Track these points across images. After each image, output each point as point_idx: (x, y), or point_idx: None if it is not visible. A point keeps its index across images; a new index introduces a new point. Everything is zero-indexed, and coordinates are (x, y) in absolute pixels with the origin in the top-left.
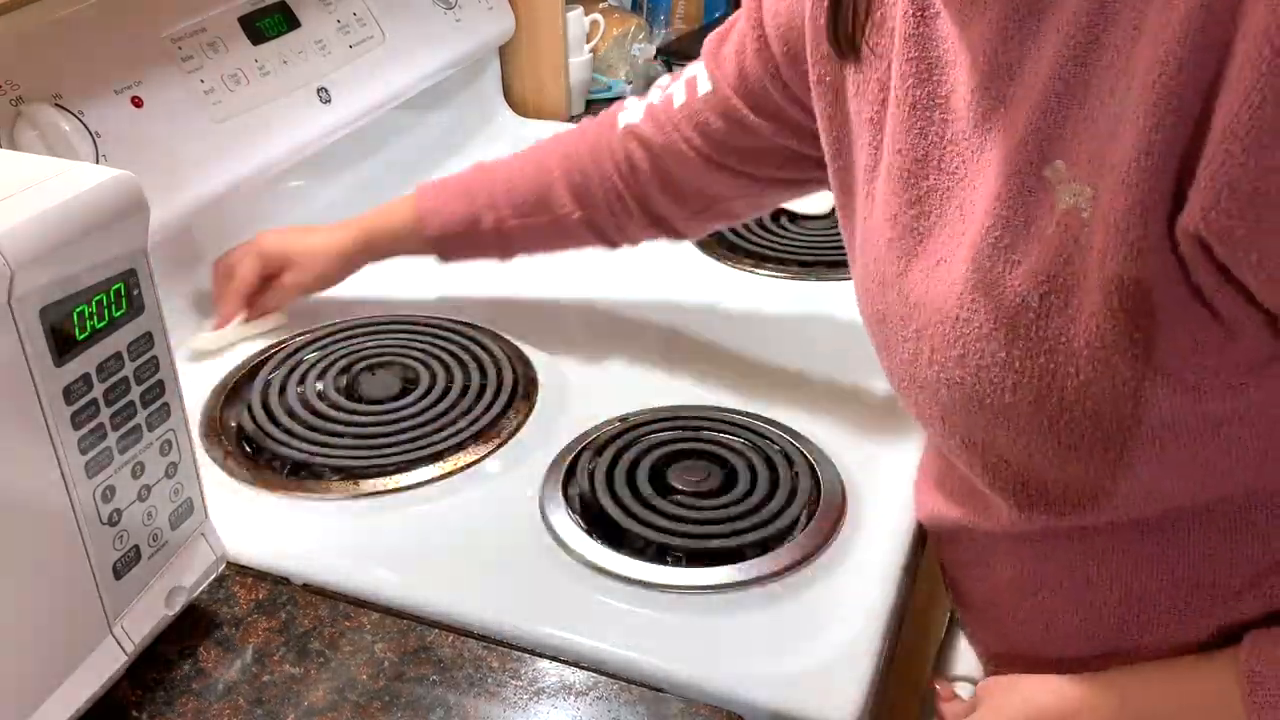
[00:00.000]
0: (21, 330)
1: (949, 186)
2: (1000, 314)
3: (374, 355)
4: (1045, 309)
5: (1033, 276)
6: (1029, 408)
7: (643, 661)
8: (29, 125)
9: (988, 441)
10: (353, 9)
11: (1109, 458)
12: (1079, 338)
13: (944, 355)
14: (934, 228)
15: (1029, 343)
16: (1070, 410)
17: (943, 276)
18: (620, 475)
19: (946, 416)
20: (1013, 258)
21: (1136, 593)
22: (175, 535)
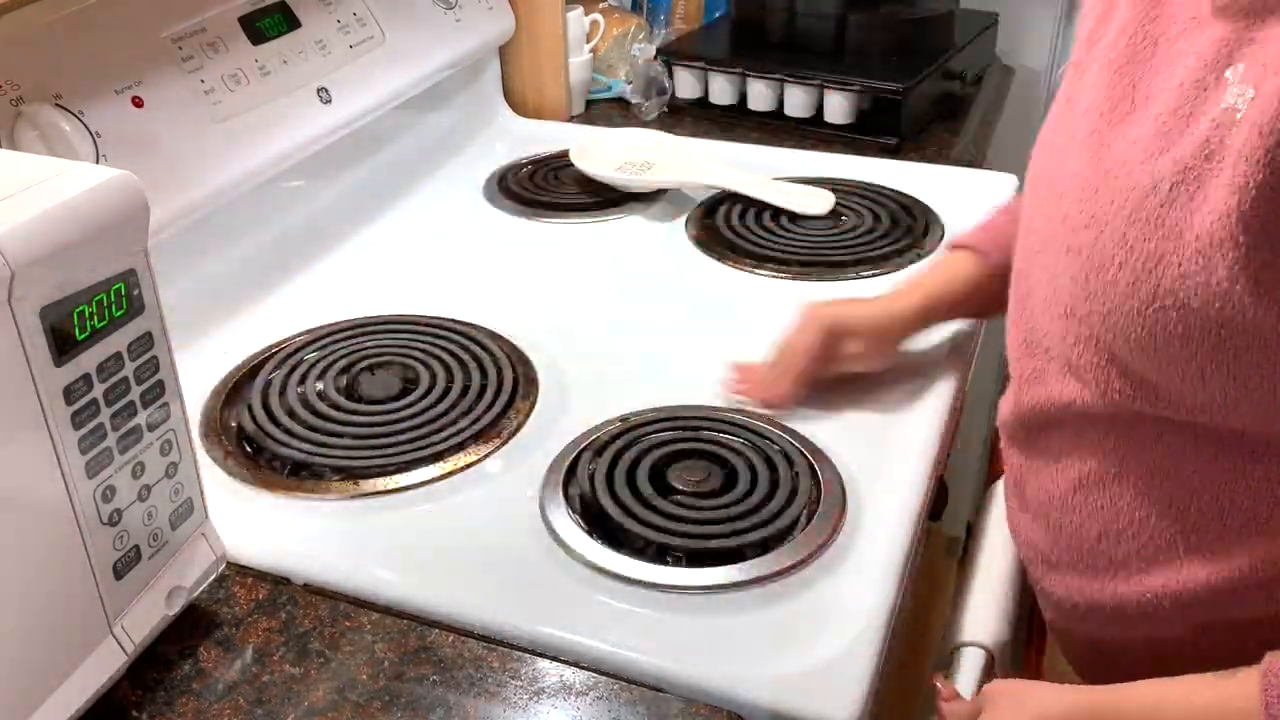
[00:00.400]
0: (21, 330)
1: (1151, 59)
2: (1132, 192)
3: (374, 355)
4: (1172, 198)
5: (1172, 165)
6: (1127, 288)
7: (643, 661)
8: (29, 125)
9: (1086, 316)
10: (353, 9)
11: (1185, 354)
12: (1191, 230)
13: (1074, 222)
14: (1120, 108)
15: (1146, 226)
16: (1163, 299)
17: (1098, 148)
18: (620, 475)
19: (1059, 286)
20: (1166, 144)
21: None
22: (175, 535)
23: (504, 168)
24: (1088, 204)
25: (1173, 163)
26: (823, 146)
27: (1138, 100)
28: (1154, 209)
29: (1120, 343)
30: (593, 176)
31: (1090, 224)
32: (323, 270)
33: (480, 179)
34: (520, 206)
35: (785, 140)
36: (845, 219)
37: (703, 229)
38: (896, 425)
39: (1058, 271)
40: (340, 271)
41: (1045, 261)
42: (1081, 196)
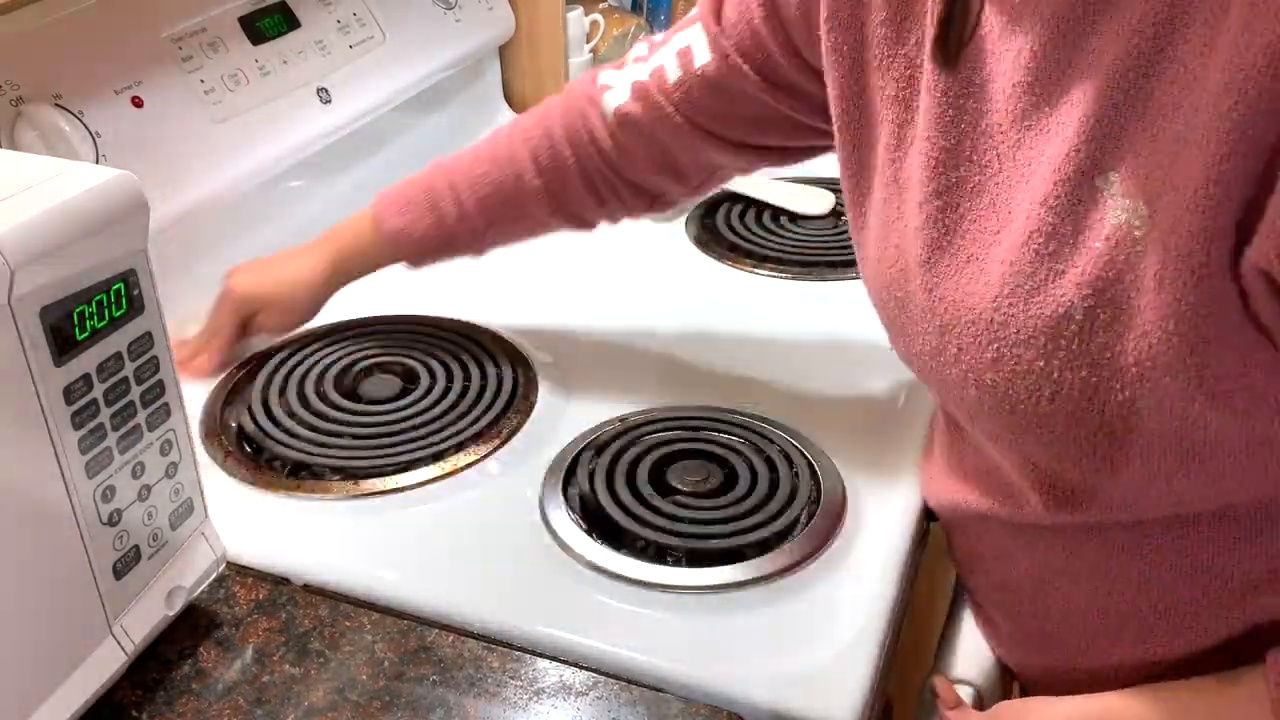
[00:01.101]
0: (21, 330)
1: (979, 180)
2: (1040, 323)
3: (374, 355)
4: (1090, 322)
5: (1078, 289)
6: (1065, 418)
7: (643, 661)
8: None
9: (1015, 442)
10: (353, 9)
11: (1146, 470)
12: (1127, 355)
13: (974, 357)
14: (962, 221)
15: (1070, 355)
16: (1110, 425)
17: (974, 275)
18: (620, 475)
19: (974, 414)
20: (1057, 266)
21: (1156, 584)
22: (175, 535)
23: None
24: (984, 336)
25: (1075, 287)
26: None
27: (1000, 217)
28: (1072, 338)
29: (1067, 466)
30: None
31: (998, 359)
32: None
33: None
34: None
35: None
36: (845, 219)
37: (703, 229)
38: (896, 425)
39: (970, 403)
40: None
41: (947, 393)
42: (975, 331)
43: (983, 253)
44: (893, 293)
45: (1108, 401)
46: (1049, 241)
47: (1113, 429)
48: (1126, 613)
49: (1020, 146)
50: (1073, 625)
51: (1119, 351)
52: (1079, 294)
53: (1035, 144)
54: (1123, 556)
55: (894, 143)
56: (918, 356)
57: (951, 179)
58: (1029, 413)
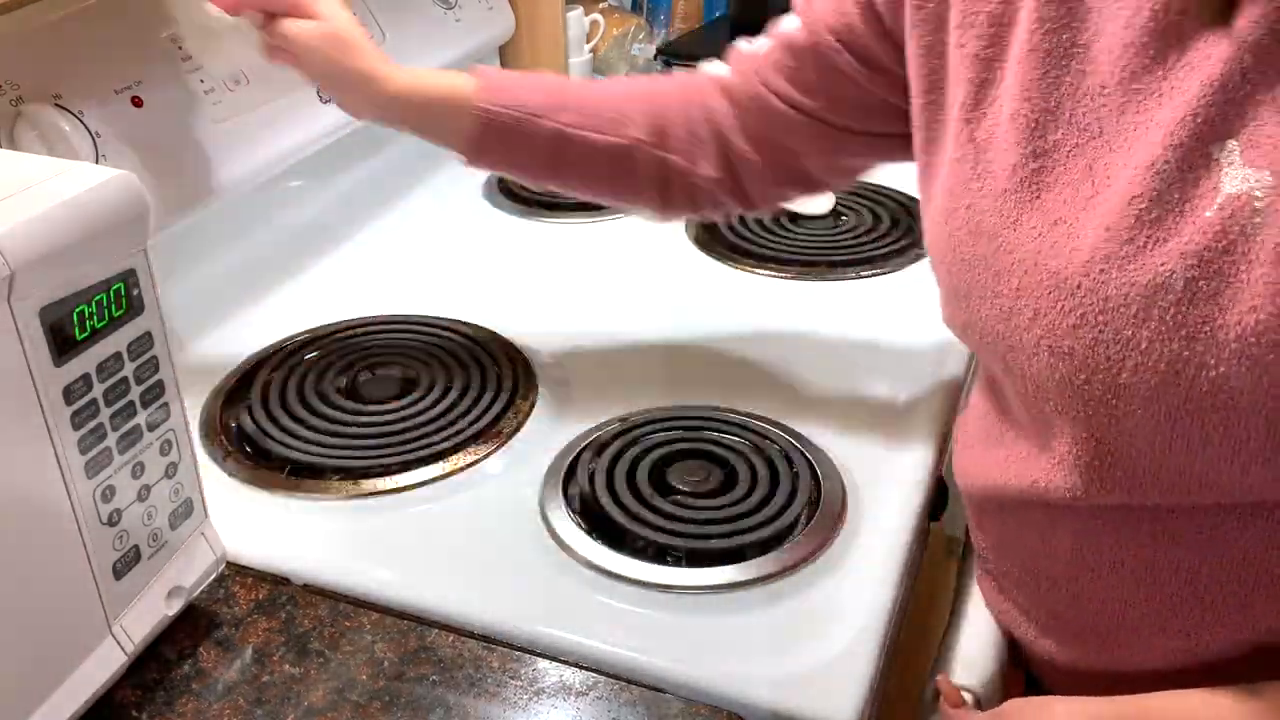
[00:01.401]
0: (21, 330)
1: (1077, 143)
2: (1136, 290)
3: (374, 355)
4: (1191, 294)
5: (1182, 258)
6: (1148, 390)
7: (643, 661)
8: (29, 125)
9: (1082, 415)
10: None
11: (1222, 451)
12: (1229, 329)
13: (1053, 322)
14: (1055, 185)
15: (1164, 325)
16: (1199, 401)
17: (1061, 239)
18: (620, 475)
19: (1039, 384)
20: (1158, 234)
21: (1205, 574)
22: (175, 535)
23: None
24: (1068, 301)
25: (1179, 256)
26: None
27: (1096, 180)
28: (1168, 308)
29: (1136, 443)
30: None
31: (1080, 324)
32: (323, 270)
33: (480, 179)
34: (520, 207)
35: None
36: (845, 219)
37: (703, 229)
38: (896, 425)
39: (1037, 372)
40: (340, 271)
41: (1014, 359)
42: (1056, 294)
43: (1073, 216)
44: (960, 254)
45: (1198, 378)
46: (1152, 207)
47: (1199, 406)
48: (1170, 603)
49: (1126, 111)
50: (1111, 614)
51: (1219, 325)
52: (1182, 263)
53: (1144, 108)
54: (1169, 544)
55: (971, 101)
56: (983, 320)
57: (1048, 142)
58: (1105, 384)
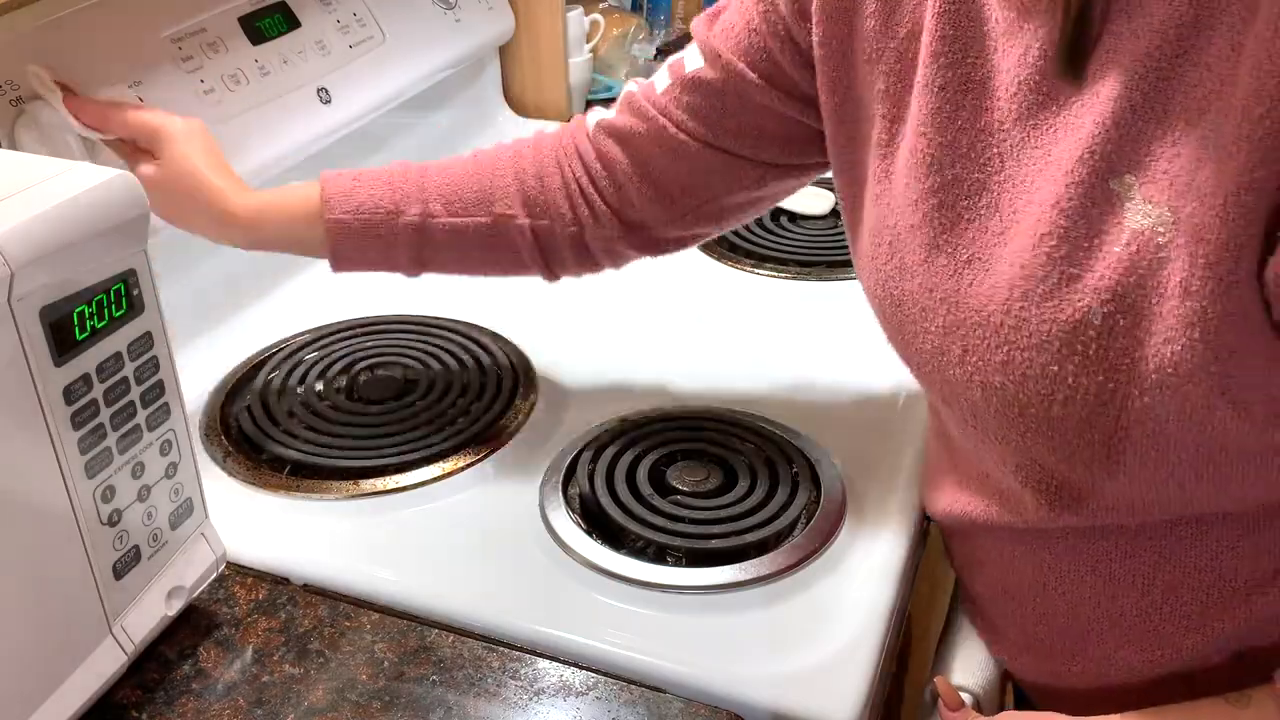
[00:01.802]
0: (21, 330)
1: (979, 178)
2: (1056, 327)
3: (374, 355)
4: (1109, 328)
5: (1095, 294)
6: (1078, 422)
7: (643, 661)
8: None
9: (1020, 444)
10: (353, 9)
11: (1159, 474)
12: (1147, 361)
13: (981, 358)
14: (959, 220)
15: (1086, 360)
16: (1127, 430)
17: (978, 277)
18: (620, 475)
19: (977, 414)
20: (1071, 270)
21: (1160, 584)
22: (175, 535)
23: None
24: (993, 339)
25: (1093, 292)
26: None
27: (1003, 216)
28: (1089, 343)
29: (1075, 468)
30: None
31: (1008, 361)
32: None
33: None
34: None
35: None
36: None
37: None
38: (896, 425)
39: (974, 403)
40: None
41: (950, 394)
42: (983, 332)
43: (985, 253)
44: (889, 290)
45: (1125, 407)
46: (1061, 244)
47: (1129, 433)
48: (1130, 615)
49: (1025, 145)
50: (1077, 629)
51: (1139, 357)
52: (1097, 299)
53: (1041, 143)
54: (1125, 558)
55: (885, 138)
56: (917, 354)
57: (947, 176)
58: (1039, 416)
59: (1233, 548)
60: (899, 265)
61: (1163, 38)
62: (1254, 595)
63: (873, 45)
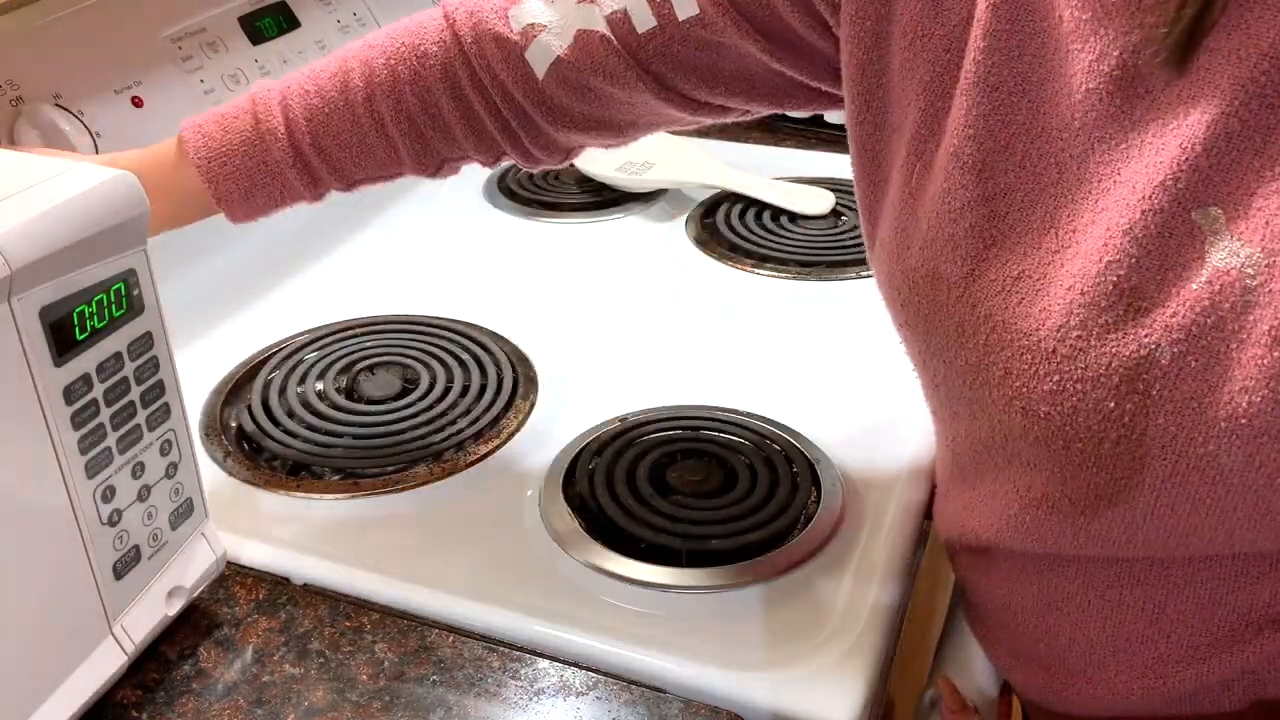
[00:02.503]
0: (21, 330)
1: (1032, 189)
2: (1118, 362)
3: (374, 355)
4: (1178, 369)
5: (1166, 331)
6: (1132, 461)
7: (643, 661)
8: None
9: (1058, 475)
10: (353, 9)
11: (1208, 519)
12: (1219, 408)
13: (1027, 385)
14: (1011, 234)
15: (1149, 400)
16: (1184, 476)
17: (1028, 296)
18: (620, 475)
19: (1009, 439)
20: (1139, 303)
21: (1171, 615)
22: (175, 535)
23: (504, 168)
24: (1043, 366)
25: (1164, 330)
26: (823, 146)
27: (1062, 234)
28: (1153, 382)
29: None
30: (592, 176)
31: (1058, 391)
32: (323, 270)
33: (480, 179)
34: (520, 206)
35: (785, 140)
36: (845, 219)
37: (703, 229)
38: (896, 425)
39: (1008, 426)
40: (340, 271)
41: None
42: (1032, 357)
43: (1037, 271)
44: (918, 297)
45: (1186, 452)
46: (1131, 274)
47: (1185, 479)
48: (1137, 642)
49: (1089, 160)
50: (1079, 651)
51: (1209, 403)
52: (1168, 337)
53: (1109, 159)
54: (1138, 588)
55: (924, 133)
56: (946, 368)
57: (1000, 185)
58: (1085, 452)
59: (1253, 585)
60: (932, 274)
61: (1271, 63)
62: (1266, 631)
63: (917, 30)
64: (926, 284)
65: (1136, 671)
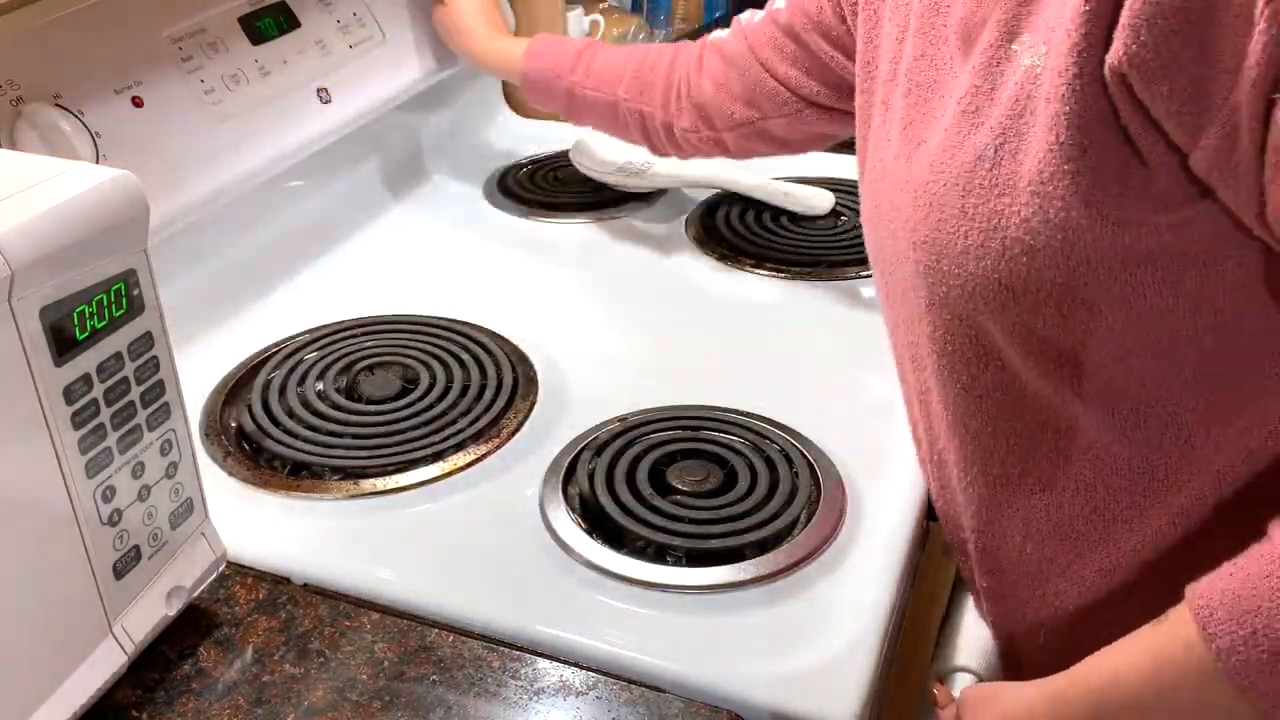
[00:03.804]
0: (21, 330)
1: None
2: (961, 169)
3: (374, 355)
4: (999, 158)
5: (990, 133)
6: (977, 252)
7: (643, 661)
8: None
9: (940, 298)
10: (353, 9)
11: (1041, 297)
12: (1023, 178)
13: (912, 218)
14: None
15: (982, 190)
16: (1010, 248)
17: (921, 156)
18: (620, 475)
19: (909, 288)
20: (977, 120)
21: (1100, 491)
22: (175, 535)
23: (504, 168)
24: (922, 197)
25: (989, 131)
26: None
27: (935, 105)
28: (984, 174)
29: (983, 309)
30: (592, 177)
31: (929, 212)
32: (323, 270)
33: (480, 179)
34: (520, 206)
35: None
36: (845, 219)
37: (703, 229)
38: (896, 425)
39: (909, 276)
40: (340, 271)
41: (900, 275)
42: (915, 195)
43: (927, 135)
44: (871, 199)
45: (1009, 225)
46: (973, 101)
47: (1013, 254)
48: (1075, 522)
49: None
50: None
51: (1018, 176)
52: (991, 135)
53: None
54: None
55: (889, 76)
56: (879, 252)
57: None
58: (951, 257)
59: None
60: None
61: None
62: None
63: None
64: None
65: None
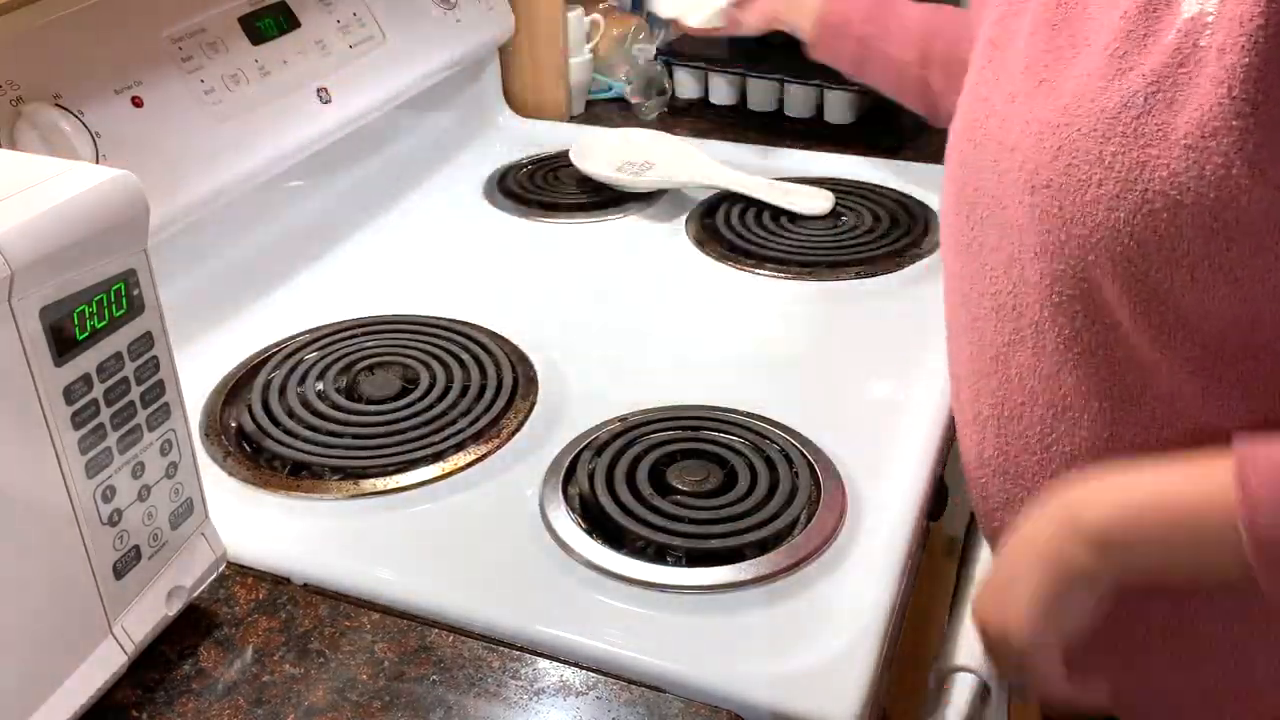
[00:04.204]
0: (21, 330)
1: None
2: (1103, 114)
3: (374, 355)
4: (1149, 106)
5: (1142, 79)
6: (1110, 203)
7: (643, 661)
8: (29, 125)
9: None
10: (353, 9)
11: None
12: (1178, 129)
13: (1035, 159)
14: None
15: (1125, 139)
16: (1151, 202)
17: (1047, 96)
18: (620, 475)
19: (1021, 231)
20: (1124, 65)
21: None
22: (175, 535)
23: (504, 168)
24: (1049, 139)
25: (1141, 77)
26: (823, 146)
27: (1079, 44)
28: (1129, 122)
29: (1105, 262)
30: (592, 177)
31: (1058, 155)
32: (323, 270)
33: (480, 179)
34: (520, 206)
35: (785, 140)
36: (845, 219)
37: (703, 229)
38: (896, 425)
39: (1020, 219)
40: (340, 271)
41: (1005, 217)
42: (1040, 136)
43: (1054, 75)
44: (970, 136)
45: (1152, 178)
46: (1123, 45)
47: (1153, 209)
48: None
49: None
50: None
51: (1171, 128)
52: (1143, 82)
53: None
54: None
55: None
56: (977, 192)
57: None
58: (1076, 204)
59: None
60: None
61: None
62: None
63: None
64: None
65: None
